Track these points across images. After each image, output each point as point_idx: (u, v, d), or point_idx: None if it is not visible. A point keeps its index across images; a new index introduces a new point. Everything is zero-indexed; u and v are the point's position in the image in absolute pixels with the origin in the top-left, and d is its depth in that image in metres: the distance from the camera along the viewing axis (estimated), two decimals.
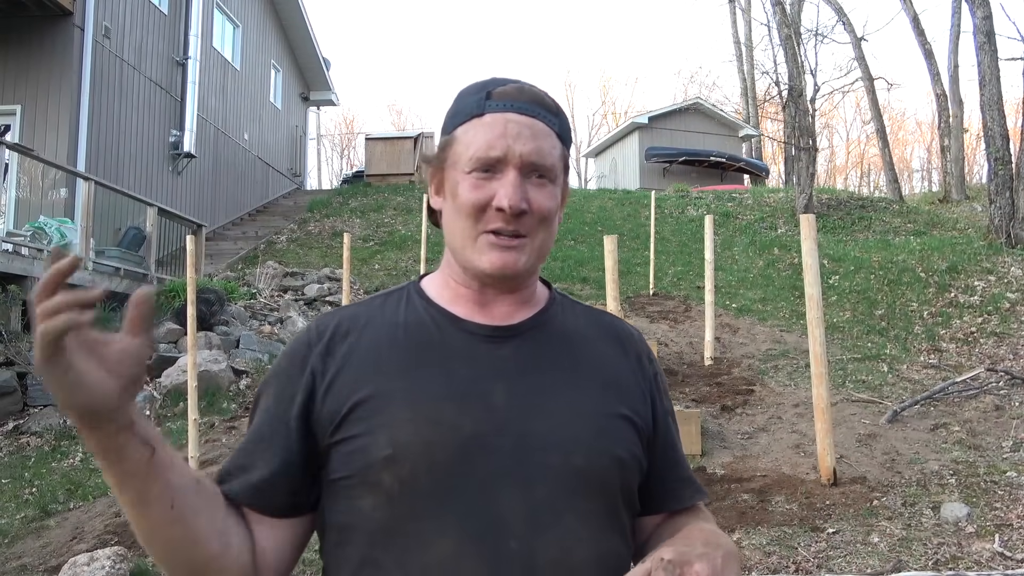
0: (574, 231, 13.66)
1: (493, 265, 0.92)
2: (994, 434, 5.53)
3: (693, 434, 5.29)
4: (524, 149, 0.91)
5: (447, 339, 0.95)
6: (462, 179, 0.93)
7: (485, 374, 0.92)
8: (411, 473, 0.85)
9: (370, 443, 0.87)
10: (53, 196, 9.41)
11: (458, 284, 0.98)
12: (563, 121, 0.98)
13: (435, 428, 0.87)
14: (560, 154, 0.96)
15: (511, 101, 0.93)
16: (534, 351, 0.96)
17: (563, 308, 1.04)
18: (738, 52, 28.13)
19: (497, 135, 0.91)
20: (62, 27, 10.06)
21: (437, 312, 0.97)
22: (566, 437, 0.89)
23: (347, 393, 0.90)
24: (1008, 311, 8.32)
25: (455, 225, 0.95)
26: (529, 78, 1.00)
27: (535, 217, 0.92)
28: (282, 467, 0.90)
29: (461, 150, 0.93)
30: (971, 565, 3.65)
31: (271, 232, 14.53)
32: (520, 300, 0.99)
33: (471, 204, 0.91)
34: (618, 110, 48.12)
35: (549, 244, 0.97)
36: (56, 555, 4.24)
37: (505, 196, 0.89)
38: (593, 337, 1.01)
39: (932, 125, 32.21)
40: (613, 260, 5.19)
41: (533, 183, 0.92)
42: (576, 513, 0.88)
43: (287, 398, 0.93)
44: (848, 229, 13.73)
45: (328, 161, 45.93)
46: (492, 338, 0.95)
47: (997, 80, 11.10)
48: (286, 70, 19.04)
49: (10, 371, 6.58)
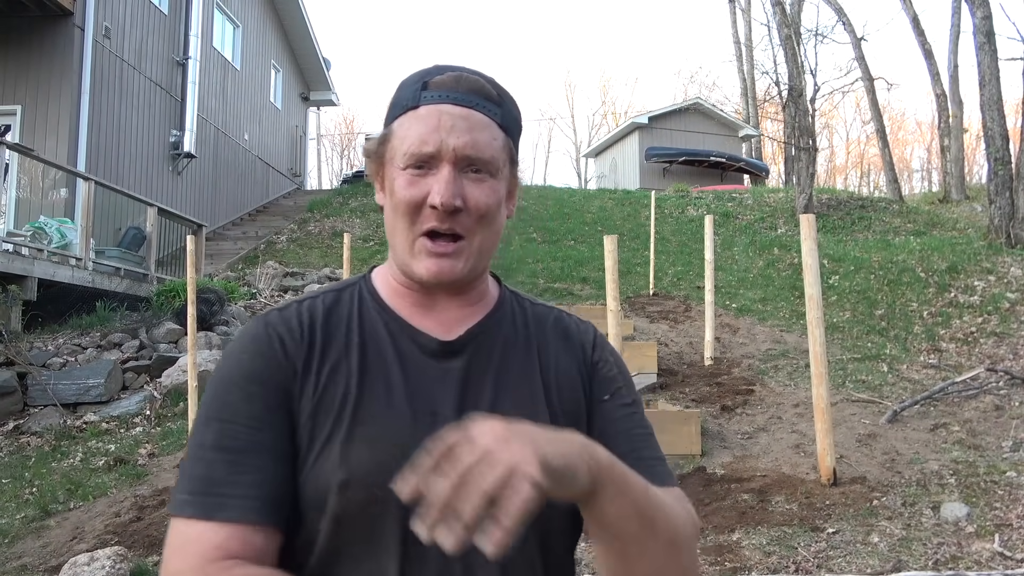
0: (574, 231, 13.66)
1: (429, 272, 0.89)
2: (994, 434, 5.53)
3: (693, 434, 5.29)
4: (458, 142, 0.86)
5: (400, 350, 0.91)
6: (398, 175, 0.89)
7: (435, 389, 0.89)
8: (365, 497, 0.82)
9: (323, 465, 0.83)
10: (53, 196, 9.42)
11: (401, 286, 0.96)
12: (507, 110, 0.93)
13: (388, 448, 0.83)
14: (502, 145, 0.91)
15: (447, 91, 0.89)
16: (481, 363, 0.93)
17: (512, 309, 1.00)
18: (738, 52, 28.13)
19: (431, 128, 0.87)
20: (62, 27, 10.06)
21: (390, 318, 0.94)
22: None
23: (309, 401, 0.86)
24: (1008, 311, 8.32)
25: (393, 225, 0.91)
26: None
27: (472, 215, 0.88)
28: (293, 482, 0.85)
29: (396, 144, 0.90)
30: (971, 565, 3.66)
31: (271, 232, 14.53)
32: (466, 302, 0.96)
33: (405, 202, 0.88)
34: (618, 110, 48.17)
35: (491, 243, 0.93)
36: (56, 555, 4.24)
37: (437, 193, 0.86)
38: (539, 336, 0.98)
39: (932, 125, 32.23)
40: (613, 260, 5.19)
41: (470, 178, 0.88)
42: (532, 530, 0.80)
43: (280, 406, 0.86)
44: (848, 229, 13.73)
45: (328, 161, 45.96)
46: (442, 352, 0.92)
47: (997, 80, 11.10)
48: (286, 70, 19.05)
49: (10, 371, 6.58)
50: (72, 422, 6.31)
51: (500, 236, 0.95)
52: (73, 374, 6.74)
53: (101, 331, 7.84)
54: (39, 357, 7.01)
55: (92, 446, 5.90)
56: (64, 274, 8.09)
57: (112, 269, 8.98)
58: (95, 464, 5.59)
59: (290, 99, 19.57)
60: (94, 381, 6.62)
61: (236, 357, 0.89)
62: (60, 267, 8.09)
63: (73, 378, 6.67)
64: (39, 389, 6.58)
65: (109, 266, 8.97)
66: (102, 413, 6.46)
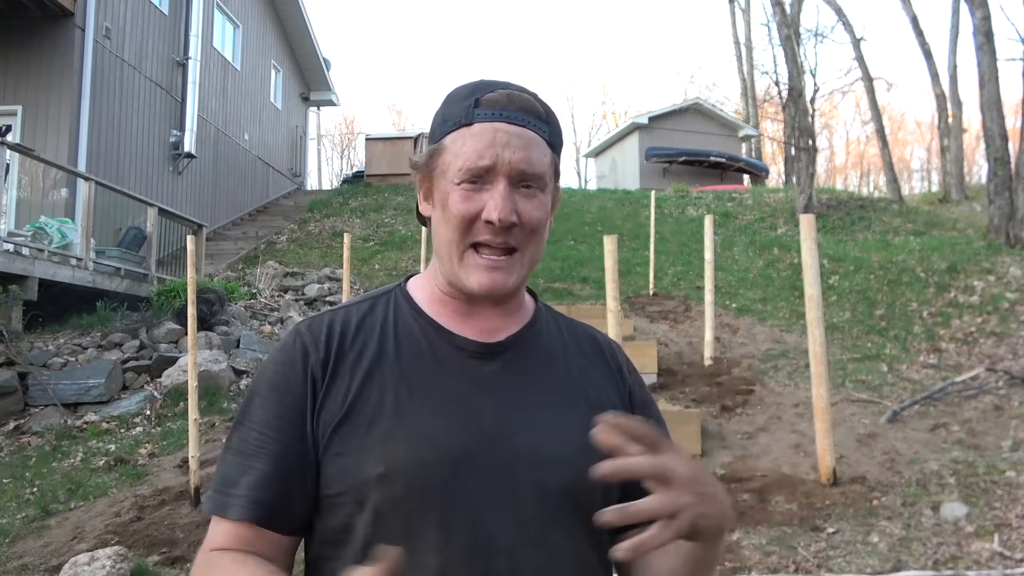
0: (574, 231, 13.66)
1: (482, 285, 0.91)
2: (993, 434, 5.54)
3: (693, 434, 5.30)
4: (514, 158, 0.90)
5: (437, 353, 0.94)
6: (452, 190, 0.91)
7: (473, 390, 0.92)
8: (403, 491, 0.85)
9: (362, 460, 0.87)
10: (54, 196, 9.42)
11: (444, 294, 0.98)
12: (553, 128, 0.96)
13: (427, 446, 0.87)
14: (550, 161, 0.95)
15: (500, 109, 0.92)
16: (521, 367, 0.96)
17: (548, 322, 1.04)
18: (738, 52, 28.16)
19: (486, 145, 0.90)
20: (63, 28, 10.07)
21: (427, 323, 0.97)
22: (552, 454, 0.90)
23: (340, 404, 0.90)
24: (1008, 311, 8.33)
25: (443, 236, 0.93)
26: (529, 78, 0.99)
27: (525, 229, 0.91)
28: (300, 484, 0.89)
29: (450, 159, 0.92)
30: (970, 565, 3.66)
31: (271, 232, 14.53)
32: (506, 312, 0.99)
33: (460, 216, 0.90)
34: (618, 110, 48.17)
35: (539, 255, 0.96)
36: (57, 555, 4.25)
37: (495, 208, 0.89)
38: (576, 351, 1.02)
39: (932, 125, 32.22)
40: (613, 260, 5.19)
41: (522, 193, 0.91)
42: (562, 529, 0.88)
43: (294, 411, 0.90)
44: (848, 229, 13.73)
45: (328, 161, 45.92)
46: (481, 355, 0.95)
47: (996, 80, 11.12)
48: (286, 70, 19.05)
49: (11, 371, 6.58)
50: (72, 422, 6.32)
51: (544, 248, 0.99)
52: (73, 374, 6.75)
53: (101, 331, 7.84)
54: (40, 357, 7.02)
55: (92, 446, 5.90)
56: (65, 274, 8.10)
57: (112, 269, 8.99)
58: (95, 464, 5.59)
59: (290, 99, 19.57)
60: (94, 381, 6.63)
61: (265, 366, 0.97)
62: (61, 267, 8.09)
63: (73, 378, 6.68)
64: (40, 389, 6.58)
65: (109, 266, 8.97)
66: (102, 413, 6.47)
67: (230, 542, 0.88)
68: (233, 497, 0.88)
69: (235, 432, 0.93)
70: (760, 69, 25.31)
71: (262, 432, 0.90)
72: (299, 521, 0.91)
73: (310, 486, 0.90)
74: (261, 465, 0.89)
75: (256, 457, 0.90)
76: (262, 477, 0.88)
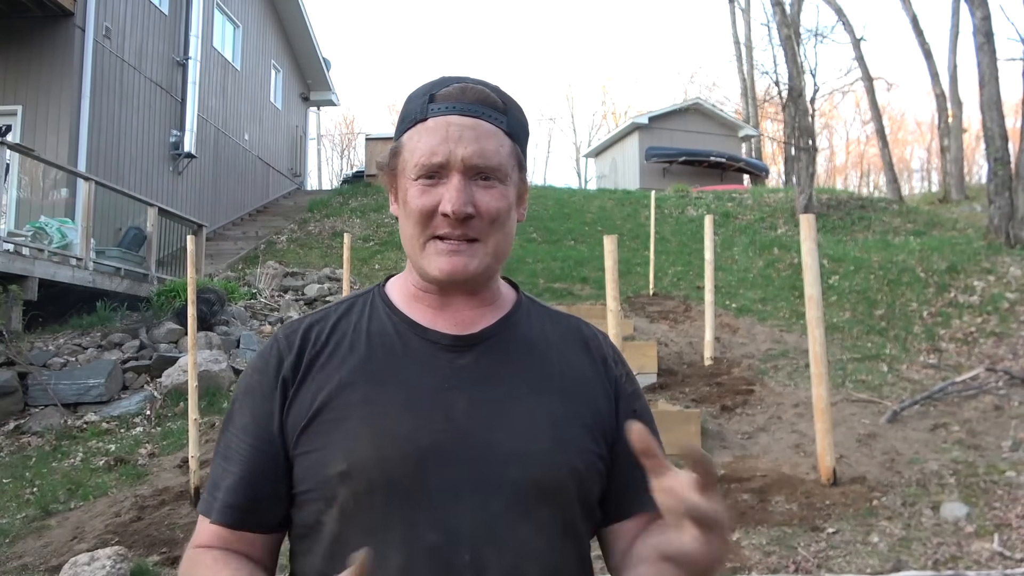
0: (574, 231, 13.66)
1: (442, 271, 0.91)
2: (993, 434, 5.54)
3: (693, 434, 5.30)
4: (466, 152, 0.90)
5: (409, 348, 0.94)
6: (410, 186, 0.92)
7: (446, 384, 0.91)
8: (366, 488, 0.86)
9: (327, 457, 0.88)
10: (54, 196, 9.42)
11: (418, 289, 0.98)
12: (512, 118, 0.96)
13: (392, 442, 0.87)
14: (510, 152, 0.94)
15: (453, 103, 0.92)
16: (496, 360, 0.95)
17: (528, 312, 1.03)
18: (738, 52, 28.16)
19: (439, 140, 0.90)
20: (63, 28, 10.07)
21: (400, 319, 0.97)
22: (524, 449, 0.89)
23: (309, 404, 0.91)
24: (1007, 311, 8.33)
25: (407, 232, 0.95)
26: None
27: (484, 220, 0.91)
28: (272, 487, 0.92)
29: (407, 156, 0.93)
30: (970, 565, 3.66)
31: (271, 232, 14.53)
32: (481, 303, 0.98)
33: (418, 211, 0.91)
34: (618, 110, 48.19)
35: (506, 245, 0.96)
36: (57, 555, 4.25)
37: (449, 201, 0.89)
38: (557, 342, 1.00)
39: (932, 125, 32.23)
40: (613, 260, 5.19)
41: (479, 185, 0.91)
42: (531, 525, 0.88)
43: (265, 415, 0.93)
44: (848, 229, 13.73)
45: (328, 161, 45.90)
46: (454, 347, 0.94)
47: (996, 80, 11.11)
48: (286, 70, 19.04)
49: (11, 371, 6.58)
50: (72, 422, 6.32)
51: (513, 239, 0.98)
52: (74, 374, 6.75)
53: (101, 331, 7.84)
54: (40, 357, 7.02)
55: (92, 446, 5.91)
56: (65, 274, 8.10)
57: (112, 269, 8.99)
58: (95, 464, 5.59)
59: (290, 99, 19.57)
60: (94, 381, 6.63)
61: (245, 372, 1.00)
62: (61, 267, 8.09)
63: (73, 378, 6.68)
64: (40, 389, 6.58)
65: (109, 266, 8.97)
66: (102, 413, 6.47)
67: (213, 541, 0.92)
68: (215, 500, 0.93)
69: (221, 436, 0.97)
70: (760, 69, 25.29)
71: (239, 437, 0.94)
72: (275, 520, 0.93)
73: (283, 487, 0.92)
74: (236, 469, 0.92)
75: (233, 461, 0.93)
76: (236, 482, 0.92)
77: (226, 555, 0.90)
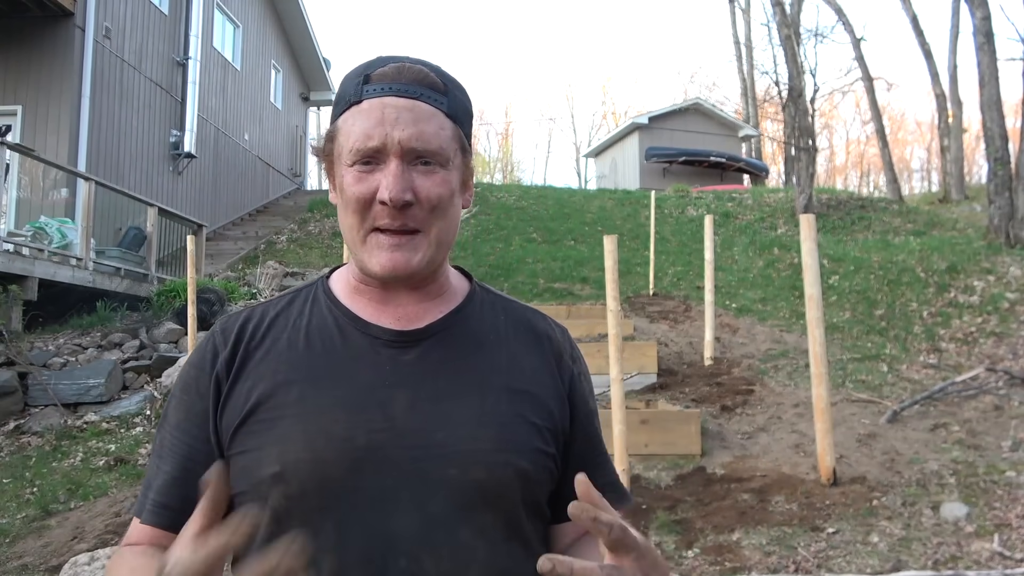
0: (574, 231, 13.66)
1: (383, 267, 0.86)
2: (993, 434, 5.54)
3: (693, 434, 5.30)
4: (403, 135, 0.84)
5: (349, 344, 0.90)
6: (346, 173, 0.87)
7: (386, 382, 0.87)
8: (299, 490, 0.82)
9: (260, 459, 0.83)
10: (54, 196, 9.42)
11: (359, 282, 0.94)
12: (454, 98, 0.90)
13: (327, 442, 0.83)
14: (451, 135, 0.88)
15: (389, 83, 0.86)
16: (441, 356, 0.90)
17: (482, 305, 0.98)
18: (738, 52, 28.17)
19: (374, 123, 0.85)
20: (63, 28, 10.07)
21: (341, 314, 0.92)
22: (466, 448, 0.84)
23: (243, 403, 0.87)
24: (1008, 311, 8.33)
25: (345, 222, 0.89)
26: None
27: (424, 207, 0.86)
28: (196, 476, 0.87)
29: (343, 141, 0.88)
30: (970, 565, 3.66)
31: (271, 232, 14.53)
32: (426, 296, 0.93)
33: (355, 199, 0.86)
34: (618, 110, 48.23)
35: (449, 233, 0.90)
36: (57, 555, 4.25)
37: (386, 188, 0.83)
38: (509, 337, 0.95)
39: (932, 125, 32.23)
40: (613, 260, 5.19)
41: (419, 170, 0.86)
42: (472, 527, 0.83)
43: (199, 413, 0.89)
44: (848, 229, 13.74)
45: None
46: (396, 343, 0.90)
47: (996, 80, 11.12)
48: (286, 70, 19.05)
49: (11, 371, 6.58)
50: (72, 422, 6.32)
51: (457, 227, 0.93)
52: (74, 374, 6.75)
53: (101, 331, 7.84)
54: (40, 357, 7.02)
55: (92, 446, 5.91)
56: (65, 274, 8.10)
57: (112, 269, 8.99)
58: (95, 464, 5.59)
59: (290, 99, 19.57)
60: (94, 381, 6.63)
61: (183, 368, 0.95)
62: (61, 267, 8.09)
63: (74, 378, 6.68)
64: (40, 389, 6.58)
65: (110, 266, 8.97)
66: (102, 413, 6.47)
67: (143, 540, 0.89)
68: (147, 500, 0.89)
69: (156, 434, 0.93)
70: (760, 69, 25.30)
71: (173, 435, 0.90)
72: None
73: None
74: (168, 468, 0.89)
75: (166, 460, 0.90)
76: (168, 480, 0.88)
77: (152, 548, 0.86)
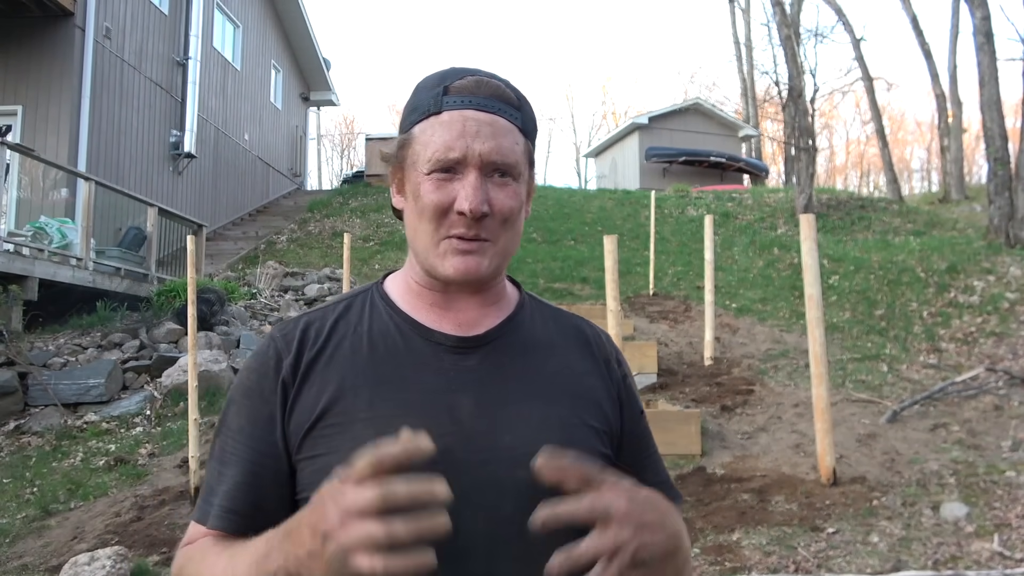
0: (574, 231, 13.66)
1: (457, 271, 0.89)
2: (993, 434, 5.54)
3: (693, 434, 5.30)
4: (484, 148, 0.87)
5: (412, 350, 0.92)
6: (423, 180, 0.89)
7: (451, 387, 0.89)
8: None
9: (333, 463, 0.82)
10: (54, 196, 9.42)
11: (420, 286, 0.96)
12: (526, 114, 0.94)
13: None
14: (523, 149, 0.92)
15: (469, 96, 0.89)
16: (501, 361, 0.93)
17: (532, 313, 1.01)
18: (738, 52, 28.18)
19: (456, 135, 0.88)
20: (63, 28, 10.07)
21: (402, 320, 0.95)
22: (533, 451, 0.83)
23: (311, 408, 0.88)
24: (1007, 311, 8.33)
25: (417, 228, 0.92)
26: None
27: (497, 219, 0.89)
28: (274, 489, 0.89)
29: (419, 149, 0.90)
30: (970, 565, 3.66)
31: (271, 232, 14.53)
32: (485, 302, 0.96)
33: (432, 207, 0.88)
34: (618, 110, 48.23)
35: (514, 244, 0.94)
36: (57, 555, 4.25)
37: (466, 199, 0.86)
38: (561, 343, 0.99)
39: (932, 125, 32.24)
40: (613, 260, 5.20)
41: (495, 182, 0.89)
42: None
43: (265, 418, 0.90)
44: (848, 229, 13.74)
45: (328, 161, 45.94)
46: (458, 349, 0.92)
47: (996, 80, 11.12)
48: (286, 70, 19.05)
49: (11, 371, 6.58)
50: (73, 422, 6.32)
51: (520, 238, 0.97)
52: (74, 374, 6.75)
53: (102, 331, 7.84)
54: (40, 357, 7.02)
55: (92, 446, 5.91)
56: (65, 274, 8.10)
57: (112, 269, 8.99)
58: (95, 464, 5.59)
59: (290, 99, 19.57)
60: (94, 381, 6.63)
61: (241, 373, 0.96)
62: (61, 267, 8.09)
63: (74, 378, 6.68)
64: (40, 389, 6.58)
65: (110, 266, 8.97)
66: (102, 413, 6.47)
67: None
68: (212, 506, 0.90)
69: (216, 439, 0.94)
70: (760, 69, 25.27)
71: (236, 440, 0.91)
72: (275, 524, 0.88)
73: (285, 491, 0.89)
74: (234, 473, 0.89)
75: (230, 465, 0.90)
76: (235, 486, 0.89)
77: (224, 538, 0.88)
